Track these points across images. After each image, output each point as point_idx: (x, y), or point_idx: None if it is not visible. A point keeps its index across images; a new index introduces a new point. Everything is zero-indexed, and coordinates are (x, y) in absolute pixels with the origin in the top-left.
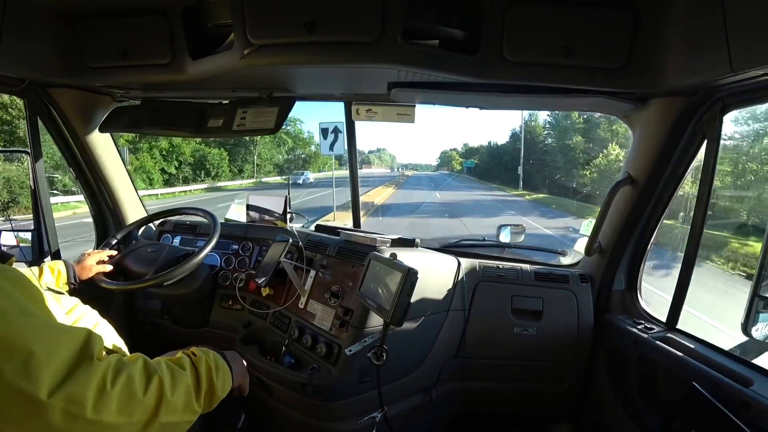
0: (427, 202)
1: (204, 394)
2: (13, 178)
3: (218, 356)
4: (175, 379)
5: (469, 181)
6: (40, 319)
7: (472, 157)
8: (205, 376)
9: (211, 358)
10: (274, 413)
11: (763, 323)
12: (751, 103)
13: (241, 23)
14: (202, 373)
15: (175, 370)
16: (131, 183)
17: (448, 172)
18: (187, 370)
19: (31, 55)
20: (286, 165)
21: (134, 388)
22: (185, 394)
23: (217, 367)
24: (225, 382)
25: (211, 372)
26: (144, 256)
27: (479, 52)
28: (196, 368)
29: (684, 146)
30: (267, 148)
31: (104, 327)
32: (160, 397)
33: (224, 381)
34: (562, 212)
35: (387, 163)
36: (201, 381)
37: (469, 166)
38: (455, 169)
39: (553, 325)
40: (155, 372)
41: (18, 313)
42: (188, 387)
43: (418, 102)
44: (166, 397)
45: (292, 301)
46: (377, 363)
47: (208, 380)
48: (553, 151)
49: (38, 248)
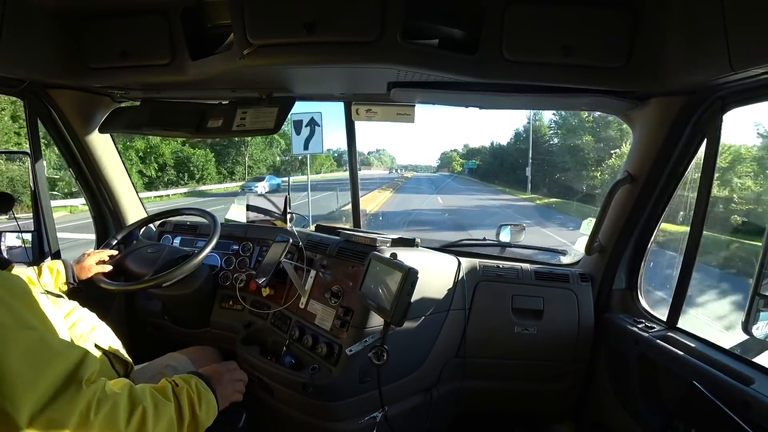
0: (428, 209)
1: (187, 426)
2: (16, 178)
3: (200, 383)
4: (158, 411)
5: (472, 183)
6: (38, 334)
7: (474, 158)
8: (188, 407)
9: (193, 387)
10: (275, 413)
11: (763, 322)
12: (751, 101)
13: (240, 23)
14: (184, 405)
15: (159, 401)
16: (131, 183)
17: (448, 174)
18: (171, 401)
19: (31, 56)
20: (282, 167)
21: (117, 419)
22: (168, 425)
23: (199, 397)
24: (209, 411)
25: (193, 403)
26: (144, 257)
27: (479, 52)
28: (178, 398)
29: (684, 145)
30: (259, 149)
31: (103, 330)
32: (142, 427)
33: (208, 410)
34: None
35: (387, 164)
36: (183, 412)
37: (470, 168)
38: (456, 171)
39: (553, 325)
40: (139, 403)
41: (17, 327)
42: (171, 419)
43: (418, 102)
44: (148, 428)
45: (292, 301)
46: (378, 363)
47: (190, 411)
48: (560, 152)
49: (38, 249)
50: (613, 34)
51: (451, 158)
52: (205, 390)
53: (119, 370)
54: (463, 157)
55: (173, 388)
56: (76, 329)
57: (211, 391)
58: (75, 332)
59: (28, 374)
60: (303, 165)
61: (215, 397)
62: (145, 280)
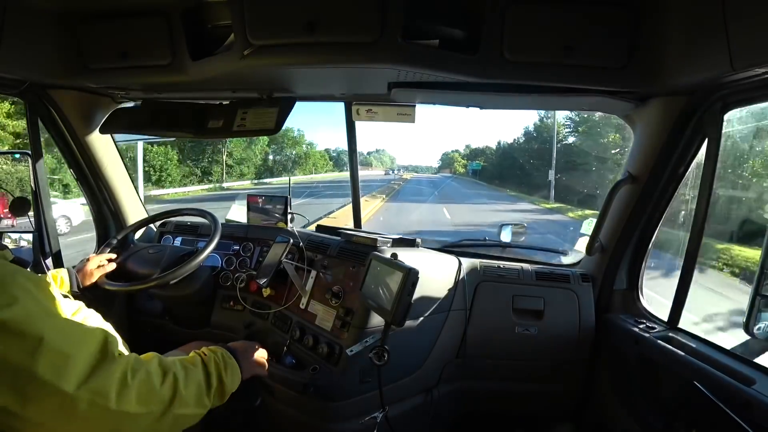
0: (434, 230)
1: (214, 391)
2: (25, 179)
3: (226, 353)
4: (188, 375)
5: (478, 186)
6: (64, 319)
7: (477, 159)
8: (215, 374)
9: (219, 356)
10: (276, 414)
11: (765, 322)
12: (752, 101)
13: (241, 24)
14: (212, 372)
15: (188, 367)
16: (132, 184)
17: (450, 175)
18: (198, 367)
19: (32, 57)
20: (274, 167)
21: (152, 382)
22: (197, 389)
23: (225, 365)
24: (234, 378)
25: (220, 370)
26: (147, 258)
27: (479, 52)
28: (206, 367)
29: (684, 145)
30: (240, 147)
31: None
32: (175, 390)
33: (233, 377)
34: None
35: (387, 164)
36: (211, 378)
37: (474, 169)
38: (457, 172)
39: (554, 325)
40: (170, 368)
41: (45, 315)
42: (200, 383)
43: (419, 102)
44: (180, 390)
45: (293, 301)
46: (378, 363)
47: (217, 378)
48: (581, 152)
49: (39, 249)
50: (614, 34)
51: (452, 159)
52: (231, 359)
53: None
54: (466, 158)
55: (202, 358)
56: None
57: (236, 361)
58: None
59: (68, 350)
60: (296, 165)
61: (239, 368)
62: (153, 278)
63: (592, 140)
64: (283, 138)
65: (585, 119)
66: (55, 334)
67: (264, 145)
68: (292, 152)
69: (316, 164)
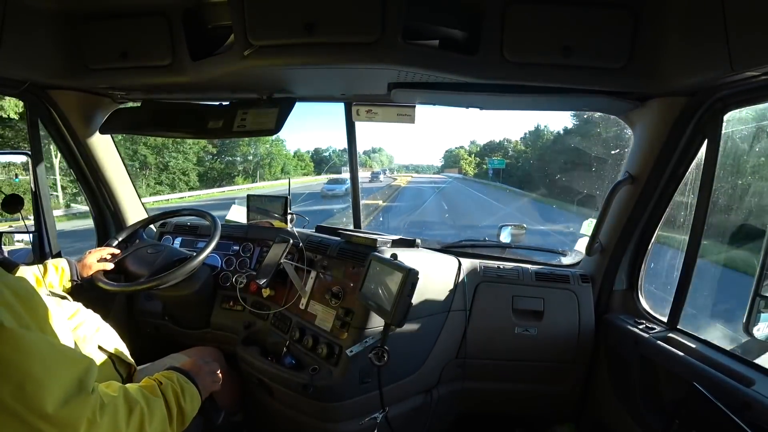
0: None
1: (176, 418)
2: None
3: (181, 378)
4: (151, 408)
5: (513, 195)
6: (43, 337)
7: (494, 155)
8: (174, 401)
9: (175, 381)
10: (275, 414)
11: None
12: (751, 102)
13: (241, 24)
14: (170, 400)
15: (150, 399)
16: (132, 185)
17: (460, 176)
18: (159, 398)
19: (32, 57)
20: (223, 172)
21: (118, 421)
22: (161, 422)
23: (183, 391)
24: (193, 403)
25: (178, 397)
26: (143, 258)
27: (479, 53)
28: (164, 395)
29: (684, 146)
30: (183, 156)
31: (106, 331)
32: (140, 427)
33: (192, 402)
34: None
35: (385, 164)
36: (171, 406)
37: (496, 167)
38: (467, 173)
39: (554, 326)
40: (135, 404)
41: (21, 327)
42: (163, 415)
43: (418, 102)
44: (145, 427)
45: (293, 302)
46: (378, 364)
47: (177, 405)
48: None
49: (39, 250)
50: (614, 35)
51: (458, 156)
52: (187, 383)
53: (122, 372)
54: (473, 155)
55: (159, 386)
56: (80, 331)
57: (192, 383)
58: (79, 334)
59: (41, 376)
60: (257, 168)
61: (197, 389)
62: (141, 282)
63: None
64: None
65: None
66: (27, 355)
67: (199, 149)
68: (255, 152)
69: (287, 167)
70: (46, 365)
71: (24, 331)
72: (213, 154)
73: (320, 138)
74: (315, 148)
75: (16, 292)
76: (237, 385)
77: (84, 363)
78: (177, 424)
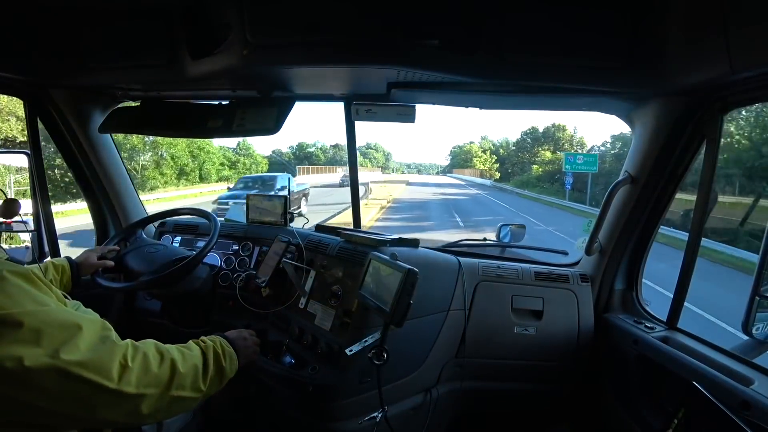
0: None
1: (211, 376)
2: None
3: (224, 342)
4: (185, 359)
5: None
6: (60, 308)
7: (534, 154)
8: (213, 359)
9: (218, 344)
10: (275, 413)
11: (763, 322)
12: (751, 102)
13: (240, 23)
14: (209, 358)
15: (185, 352)
16: (131, 184)
17: (488, 181)
18: (195, 352)
19: (31, 56)
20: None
21: (150, 364)
22: (194, 372)
23: (224, 353)
24: (232, 365)
25: (218, 356)
26: (143, 257)
27: (479, 52)
28: (205, 354)
29: (684, 146)
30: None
31: None
32: (173, 372)
33: (231, 363)
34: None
35: (380, 162)
36: (208, 364)
37: (581, 169)
38: (492, 176)
39: (553, 325)
40: (168, 352)
41: (39, 304)
42: (197, 367)
43: (418, 102)
44: (178, 371)
45: (292, 301)
46: (378, 363)
47: (215, 363)
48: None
49: (39, 249)
50: (614, 35)
51: (469, 153)
52: (228, 347)
53: None
54: (487, 152)
55: (200, 346)
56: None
57: (233, 348)
58: None
59: (67, 335)
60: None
61: (237, 354)
62: (140, 281)
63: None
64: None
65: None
66: (51, 321)
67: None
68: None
69: (208, 172)
70: (70, 327)
71: (44, 307)
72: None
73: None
74: (299, 143)
75: (27, 279)
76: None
77: (100, 320)
78: (212, 381)
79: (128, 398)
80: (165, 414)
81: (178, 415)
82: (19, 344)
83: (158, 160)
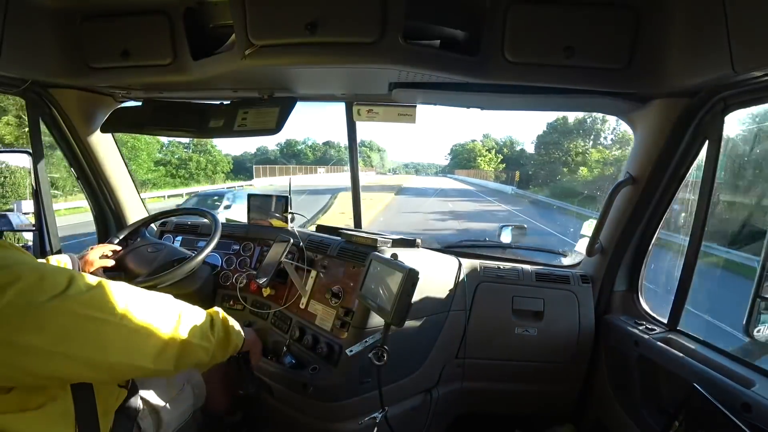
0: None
1: (218, 335)
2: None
3: (236, 324)
4: (192, 311)
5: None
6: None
7: (564, 151)
8: (221, 322)
9: (230, 320)
10: (275, 413)
11: (764, 325)
12: (753, 103)
13: (242, 24)
14: (216, 320)
15: (194, 311)
16: (133, 183)
17: (515, 191)
18: (204, 317)
19: (33, 56)
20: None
21: (153, 303)
22: (201, 322)
23: (230, 322)
24: (237, 336)
25: (226, 320)
26: (144, 256)
27: (480, 53)
28: (212, 317)
29: (685, 147)
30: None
31: None
32: (179, 317)
33: (237, 334)
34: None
35: (376, 161)
36: (215, 322)
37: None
38: (499, 178)
39: (554, 326)
40: (175, 302)
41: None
42: (203, 321)
43: (419, 102)
44: (185, 317)
45: (293, 301)
46: (378, 363)
47: (223, 326)
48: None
49: (40, 248)
50: (615, 35)
51: (472, 152)
52: (236, 323)
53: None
54: (491, 151)
55: (211, 313)
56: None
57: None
58: None
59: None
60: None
61: (243, 339)
62: (139, 281)
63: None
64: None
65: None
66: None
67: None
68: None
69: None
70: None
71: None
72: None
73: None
74: (287, 140)
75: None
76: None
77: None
78: (219, 343)
79: (132, 333)
80: (175, 362)
81: (189, 366)
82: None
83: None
